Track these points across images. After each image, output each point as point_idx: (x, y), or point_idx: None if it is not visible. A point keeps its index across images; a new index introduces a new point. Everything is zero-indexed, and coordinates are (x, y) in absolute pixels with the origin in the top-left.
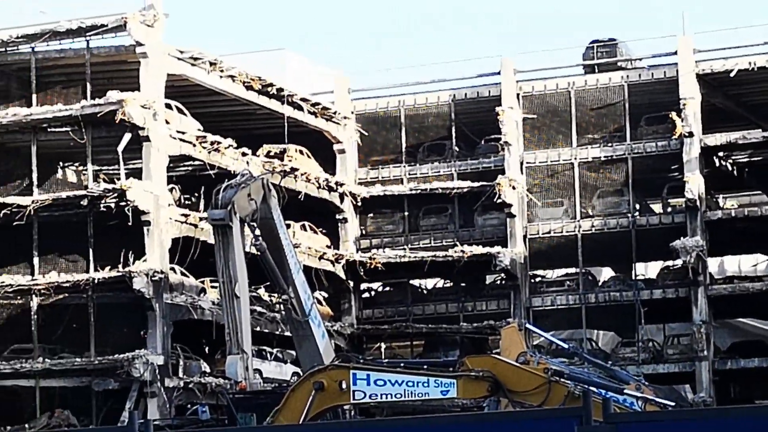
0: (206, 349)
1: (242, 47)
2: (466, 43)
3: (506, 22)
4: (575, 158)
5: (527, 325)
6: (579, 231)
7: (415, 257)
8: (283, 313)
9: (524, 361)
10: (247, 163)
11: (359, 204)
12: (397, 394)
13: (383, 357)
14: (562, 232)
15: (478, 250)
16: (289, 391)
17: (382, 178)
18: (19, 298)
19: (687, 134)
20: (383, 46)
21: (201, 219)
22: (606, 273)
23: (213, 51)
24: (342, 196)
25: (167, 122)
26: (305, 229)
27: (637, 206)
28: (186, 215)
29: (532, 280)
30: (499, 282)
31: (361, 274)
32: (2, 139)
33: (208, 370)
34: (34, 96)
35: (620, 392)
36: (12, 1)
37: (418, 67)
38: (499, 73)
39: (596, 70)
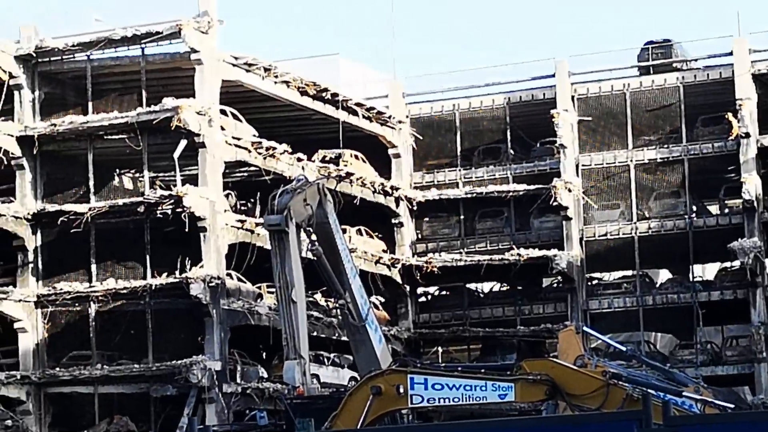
0: (264, 354)
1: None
2: (521, 46)
3: (560, 25)
4: (631, 160)
5: (584, 328)
6: (636, 233)
7: (471, 261)
8: (340, 317)
9: (582, 364)
10: (303, 168)
11: (415, 208)
12: (454, 398)
13: (440, 361)
14: (618, 234)
15: (535, 253)
16: (347, 396)
17: (438, 182)
18: (77, 305)
19: (743, 135)
20: (437, 50)
21: (257, 225)
22: (663, 275)
23: (267, 57)
24: (397, 201)
25: (222, 128)
26: (361, 234)
27: (694, 208)
28: (242, 221)
29: (589, 283)
30: (555, 285)
31: (418, 278)
32: (59, 147)
33: (265, 375)
34: (90, 104)
35: (679, 395)
36: (68, 9)
37: (473, 71)
38: (553, 75)
39: (651, 72)
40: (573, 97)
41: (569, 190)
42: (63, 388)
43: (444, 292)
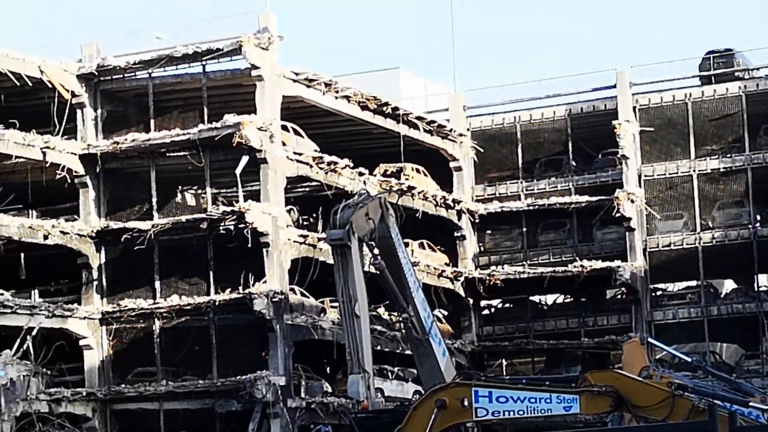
0: (327, 369)
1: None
2: (582, 57)
3: (621, 35)
4: (694, 170)
5: (649, 339)
6: (699, 243)
7: (534, 273)
8: (404, 331)
9: (647, 375)
10: (364, 182)
11: (477, 221)
12: (519, 411)
13: (504, 374)
14: (682, 244)
15: (598, 264)
16: (411, 410)
17: (500, 194)
18: (141, 321)
19: None
20: (498, 62)
21: (319, 239)
22: (728, 285)
23: (328, 72)
24: (459, 214)
25: (284, 144)
26: (423, 247)
27: (758, 217)
28: (304, 236)
29: (653, 294)
30: (619, 296)
31: (481, 291)
32: (122, 165)
33: (329, 389)
34: (152, 121)
35: (745, 405)
36: (129, 27)
37: (534, 83)
38: (615, 86)
39: (713, 81)
40: (635, 107)
41: (632, 201)
42: (128, 405)
43: (507, 305)
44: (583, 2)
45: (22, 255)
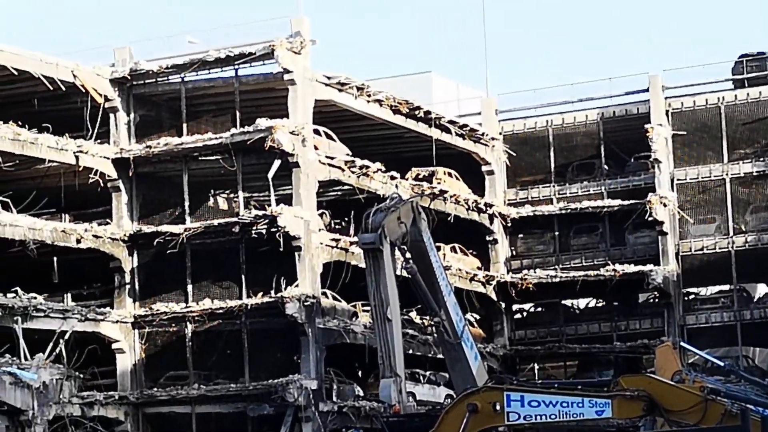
0: (359, 372)
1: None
2: (614, 61)
3: (654, 38)
4: (727, 174)
5: (682, 344)
6: (732, 247)
7: (566, 277)
8: (436, 335)
9: (680, 379)
10: (396, 186)
11: (509, 225)
12: (551, 415)
13: (536, 378)
14: (715, 248)
15: (630, 268)
16: (443, 414)
17: (532, 198)
18: (173, 325)
19: None
20: (530, 66)
21: (351, 243)
22: (761, 289)
23: (360, 76)
24: (491, 218)
25: (316, 148)
26: (455, 251)
27: None
28: (336, 240)
29: (686, 298)
30: (652, 300)
31: (513, 295)
32: (154, 169)
33: (361, 393)
34: (184, 125)
35: None
36: (162, 32)
37: (566, 87)
38: (647, 90)
39: (746, 85)
40: (667, 111)
41: (664, 205)
42: (161, 408)
43: (539, 309)
44: (616, 6)
45: (55, 259)
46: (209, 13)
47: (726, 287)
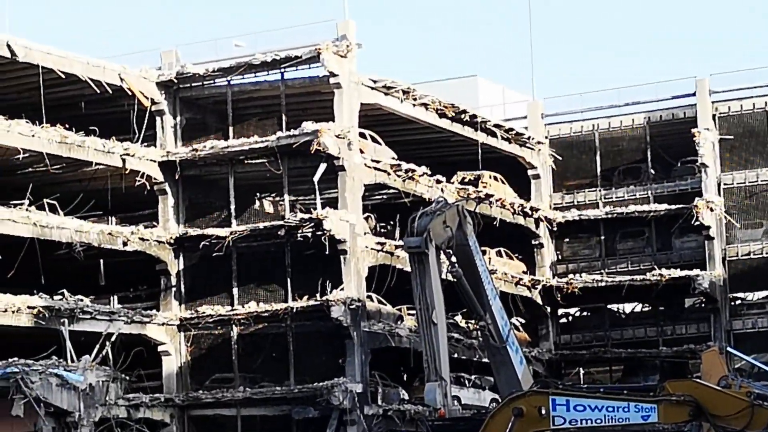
0: (404, 376)
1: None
2: (661, 65)
3: (701, 43)
4: None
5: (728, 349)
6: None
7: (612, 281)
8: (481, 339)
9: (726, 384)
10: (442, 190)
11: (555, 229)
12: (597, 420)
13: (582, 382)
14: (762, 253)
15: (677, 273)
16: (488, 418)
17: (578, 202)
18: (219, 328)
19: None
20: (576, 69)
21: (397, 247)
22: None
23: (405, 79)
24: (537, 222)
25: (362, 151)
26: (501, 255)
27: None
28: (382, 243)
29: (732, 303)
30: (698, 305)
31: (558, 299)
32: (200, 172)
33: (406, 397)
34: (230, 128)
35: None
36: (208, 35)
37: (612, 90)
38: (694, 94)
39: None
40: (714, 115)
41: (711, 210)
42: (206, 411)
43: (585, 313)
44: (663, 9)
45: (102, 261)
46: (256, 17)
47: None
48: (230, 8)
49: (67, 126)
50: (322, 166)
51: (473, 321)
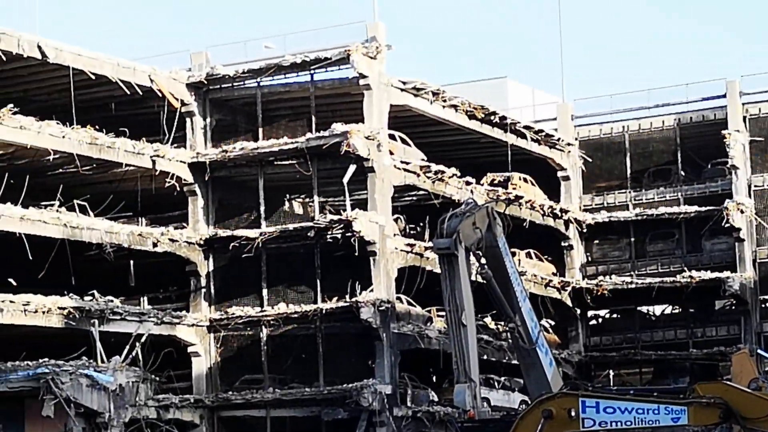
0: (434, 377)
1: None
2: (691, 67)
3: (731, 44)
4: None
5: (759, 351)
6: None
7: (642, 283)
8: (510, 341)
9: (756, 387)
10: (471, 191)
11: (584, 230)
12: (627, 422)
13: (612, 384)
14: None
15: (707, 275)
16: (518, 420)
17: (608, 204)
18: (249, 329)
19: None
20: (606, 71)
21: (426, 248)
22: None
23: (435, 81)
24: (567, 223)
25: (391, 153)
26: (531, 257)
27: None
28: (411, 245)
29: (763, 305)
30: (728, 307)
31: (588, 301)
32: (230, 173)
33: (436, 399)
34: (260, 130)
35: None
36: (238, 37)
37: (642, 92)
38: (724, 95)
39: None
40: (745, 117)
41: (741, 212)
42: (235, 412)
43: (615, 315)
44: (693, 11)
45: (132, 262)
46: (285, 19)
47: None
48: (260, 10)
49: (97, 127)
50: (352, 168)
51: (503, 323)
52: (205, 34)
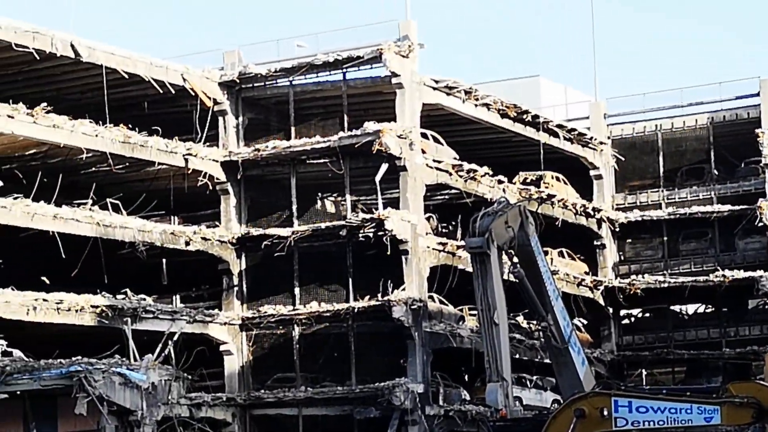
0: (466, 376)
1: (496, 75)
2: (724, 65)
3: (765, 42)
4: None
5: None
6: None
7: (675, 282)
8: (543, 340)
9: None
10: (504, 190)
11: (617, 229)
12: (659, 421)
13: (644, 384)
14: None
15: (740, 274)
16: (550, 419)
17: (640, 203)
18: (281, 327)
19: None
20: (639, 70)
21: (458, 247)
22: None
23: (467, 79)
24: (600, 222)
25: (423, 151)
26: (563, 256)
27: None
28: (443, 243)
29: None
30: (761, 306)
31: (621, 300)
32: (263, 172)
33: (468, 398)
34: (292, 128)
35: None
36: (270, 35)
37: (675, 91)
38: (758, 94)
39: None
40: None
41: None
42: (268, 410)
43: (647, 314)
44: (727, 9)
45: (164, 261)
46: (318, 17)
47: None
48: (293, 8)
49: (130, 126)
50: (384, 166)
51: (535, 322)
52: (237, 33)
